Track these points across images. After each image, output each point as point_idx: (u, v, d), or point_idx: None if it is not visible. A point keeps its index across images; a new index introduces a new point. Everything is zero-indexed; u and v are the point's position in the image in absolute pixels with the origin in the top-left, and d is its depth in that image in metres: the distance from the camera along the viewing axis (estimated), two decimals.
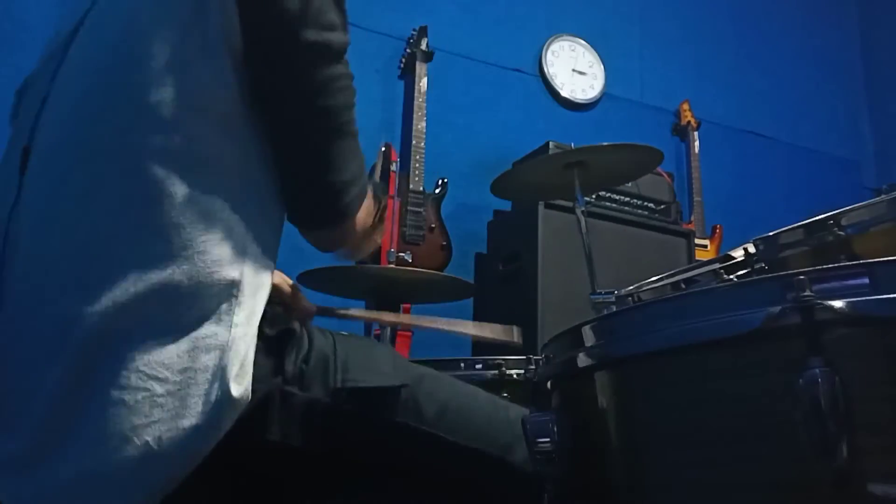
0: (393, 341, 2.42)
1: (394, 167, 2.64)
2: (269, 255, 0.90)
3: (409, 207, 2.72)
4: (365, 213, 0.98)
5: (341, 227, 0.95)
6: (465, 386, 1.02)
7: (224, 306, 0.81)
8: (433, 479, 0.95)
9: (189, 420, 0.77)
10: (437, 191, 2.84)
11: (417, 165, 2.78)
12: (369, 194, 0.99)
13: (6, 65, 1.14)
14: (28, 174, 0.86)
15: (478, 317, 2.93)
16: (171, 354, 0.78)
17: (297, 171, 0.90)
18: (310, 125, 0.88)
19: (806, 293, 0.58)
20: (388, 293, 2.08)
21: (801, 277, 0.58)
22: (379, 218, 1.06)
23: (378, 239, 1.10)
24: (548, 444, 0.79)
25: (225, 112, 0.83)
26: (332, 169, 0.89)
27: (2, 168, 0.93)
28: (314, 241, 0.98)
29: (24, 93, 0.98)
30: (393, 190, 2.57)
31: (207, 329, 0.80)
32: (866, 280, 0.58)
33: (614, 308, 1.01)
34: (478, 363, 1.73)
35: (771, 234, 0.80)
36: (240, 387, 0.80)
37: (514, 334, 1.36)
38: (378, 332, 2.25)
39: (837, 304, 0.57)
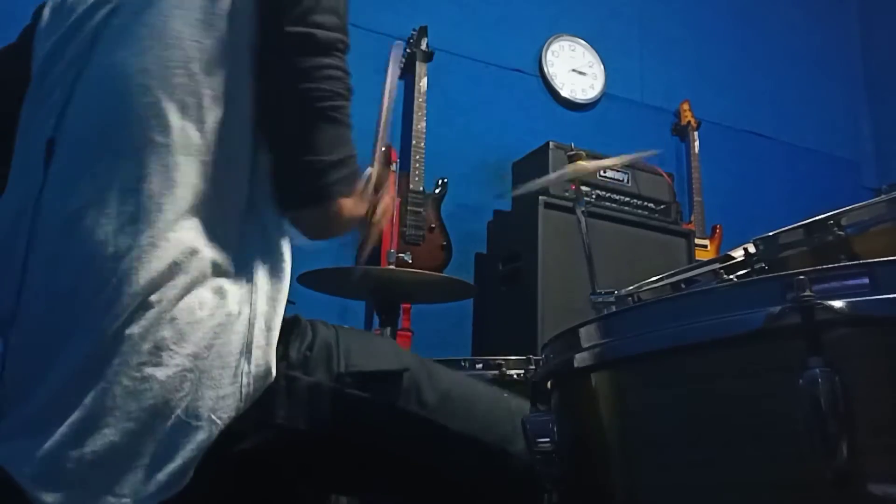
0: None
1: (394, 167, 2.64)
2: (279, 236, 0.95)
3: (409, 207, 2.72)
4: (354, 202, 0.98)
5: (324, 209, 0.95)
6: (466, 377, 1.04)
7: (243, 283, 0.88)
8: (432, 465, 0.95)
9: (215, 391, 0.81)
10: (437, 191, 2.84)
11: (417, 165, 2.78)
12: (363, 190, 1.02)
13: None
14: (53, 166, 0.91)
15: (477, 317, 2.94)
16: (197, 330, 0.82)
17: (280, 150, 0.95)
18: (293, 106, 0.93)
19: (806, 293, 0.58)
20: (388, 293, 2.09)
21: (801, 277, 0.58)
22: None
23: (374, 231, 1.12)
24: (548, 444, 0.79)
25: (242, 107, 0.92)
26: (313, 149, 0.93)
27: (21, 159, 0.97)
28: (300, 226, 0.98)
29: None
30: (393, 190, 2.57)
31: (230, 307, 0.85)
32: (866, 280, 0.58)
33: (614, 308, 1.01)
34: (478, 363, 1.74)
35: (771, 234, 0.80)
36: (266, 359, 0.85)
37: None
38: (378, 331, 2.25)
39: (837, 304, 0.57)
